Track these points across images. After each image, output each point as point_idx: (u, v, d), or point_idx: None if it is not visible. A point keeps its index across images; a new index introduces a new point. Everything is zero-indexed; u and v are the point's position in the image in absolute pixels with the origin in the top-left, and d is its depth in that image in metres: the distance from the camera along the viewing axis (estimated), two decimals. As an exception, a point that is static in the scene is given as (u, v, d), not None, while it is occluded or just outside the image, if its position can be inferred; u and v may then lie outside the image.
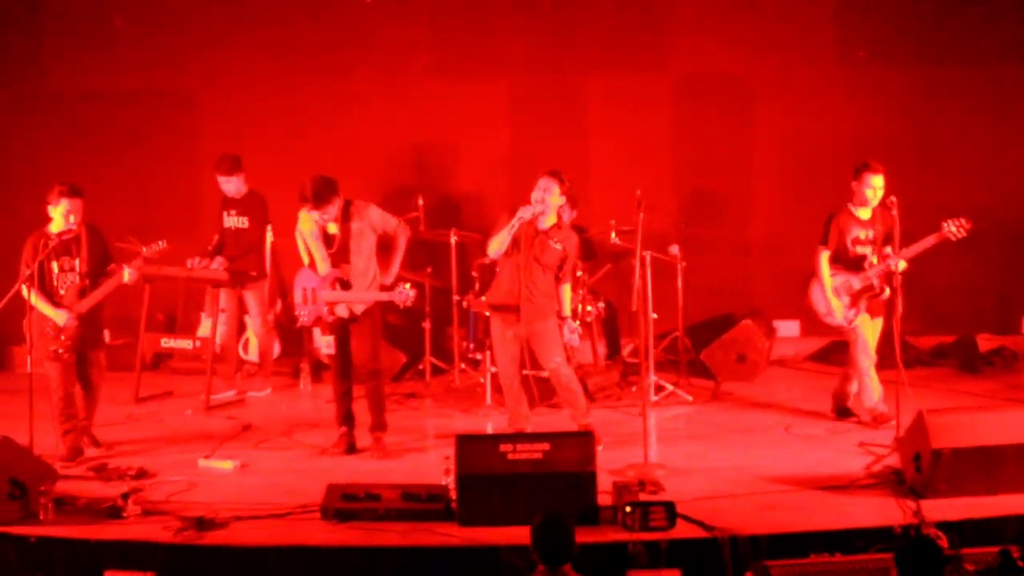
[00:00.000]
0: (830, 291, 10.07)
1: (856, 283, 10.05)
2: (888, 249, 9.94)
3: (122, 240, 10.32)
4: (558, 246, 9.68)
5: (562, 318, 9.82)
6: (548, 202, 9.62)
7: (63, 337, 9.47)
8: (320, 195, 9.52)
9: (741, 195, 13.05)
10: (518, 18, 13.00)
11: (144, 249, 9.67)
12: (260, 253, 11.56)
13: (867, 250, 10.05)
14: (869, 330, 10.09)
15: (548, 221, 9.71)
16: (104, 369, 9.82)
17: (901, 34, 12.78)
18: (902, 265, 9.87)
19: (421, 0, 13.07)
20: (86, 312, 9.52)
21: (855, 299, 10.06)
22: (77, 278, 9.52)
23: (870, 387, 10.13)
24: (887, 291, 9.97)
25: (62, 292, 9.51)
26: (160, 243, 9.70)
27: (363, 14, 13.00)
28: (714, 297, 12.67)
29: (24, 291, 9.39)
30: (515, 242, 9.65)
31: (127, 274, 9.51)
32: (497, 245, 9.66)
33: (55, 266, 9.50)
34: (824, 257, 10.11)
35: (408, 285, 9.61)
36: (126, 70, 13.08)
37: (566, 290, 9.84)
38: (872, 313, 10.11)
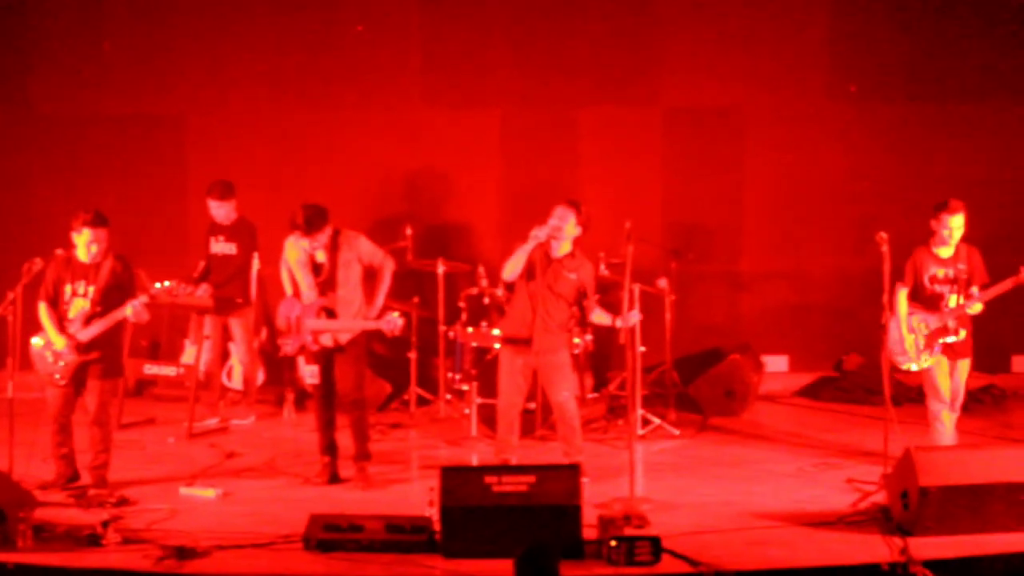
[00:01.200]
0: (905, 328, 9.84)
1: (931, 323, 9.82)
2: (974, 290, 9.75)
3: None
4: (572, 276, 9.63)
5: (615, 327, 9.61)
6: (562, 231, 9.58)
7: (61, 363, 9.34)
8: (311, 223, 9.49)
9: (731, 229, 13.04)
10: (510, 49, 13.01)
11: (154, 286, 9.39)
12: (246, 280, 11.49)
13: (946, 289, 9.81)
14: (942, 374, 9.84)
15: (562, 250, 9.67)
16: (105, 403, 9.44)
17: (892, 69, 12.82)
18: (977, 308, 9.74)
19: (413, 29, 13.07)
20: (87, 341, 9.31)
21: (930, 340, 9.82)
22: (88, 305, 9.33)
23: (939, 432, 9.92)
24: (962, 333, 9.79)
25: (71, 316, 9.34)
26: (170, 283, 9.42)
27: (354, 42, 12.99)
28: (702, 331, 12.63)
29: (41, 308, 9.31)
30: (529, 270, 9.60)
31: (130, 310, 9.24)
32: (512, 267, 9.60)
33: (68, 289, 9.34)
34: (902, 295, 9.85)
35: (397, 314, 9.56)
36: (114, 95, 13.06)
37: (598, 314, 9.75)
38: (952, 355, 9.86)
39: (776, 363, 12.82)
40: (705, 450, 10.81)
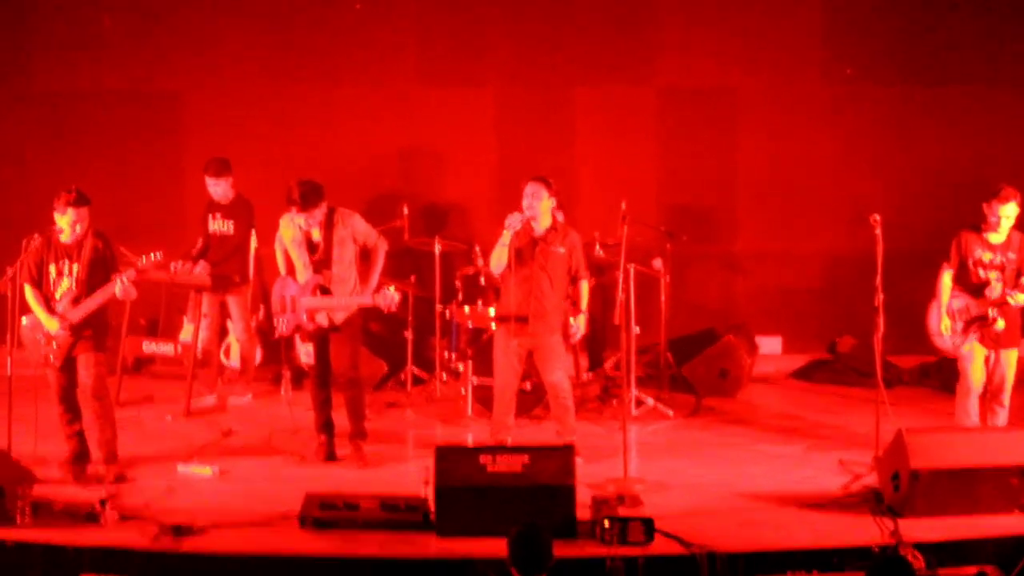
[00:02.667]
0: (944, 309, 9.70)
1: (973, 309, 9.64)
2: None
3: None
4: (561, 250, 9.66)
5: (577, 312, 9.78)
6: (537, 207, 9.60)
7: (54, 344, 9.33)
8: (307, 198, 9.48)
9: (726, 210, 13.07)
10: (506, 28, 13.02)
11: (141, 260, 9.34)
12: (244, 258, 11.50)
13: (993, 275, 9.60)
14: (976, 361, 9.64)
15: (543, 225, 9.69)
16: (101, 375, 9.36)
17: (887, 52, 12.84)
18: (1021, 298, 9.51)
19: (410, 7, 13.08)
20: (79, 321, 9.26)
21: (967, 325, 9.65)
22: (74, 284, 9.28)
23: (960, 418, 9.74)
24: (1000, 323, 9.55)
25: (57, 296, 9.29)
26: (155, 255, 9.35)
27: (351, 20, 12.99)
28: (697, 312, 12.67)
29: (27, 291, 9.27)
30: (517, 255, 9.61)
31: (119, 287, 9.16)
32: (496, 260, 9.64)
33: (52, 269, 9.28)
34: (947, 275, 9.71)
35: (393, 288, 9.55)
36: (113, 71, 13.07)
37: (584, 287, 9.82)
38: (992, 345, 9.60)
39: (770, 344, 12.86)
40: (699, 431, 10.85)
